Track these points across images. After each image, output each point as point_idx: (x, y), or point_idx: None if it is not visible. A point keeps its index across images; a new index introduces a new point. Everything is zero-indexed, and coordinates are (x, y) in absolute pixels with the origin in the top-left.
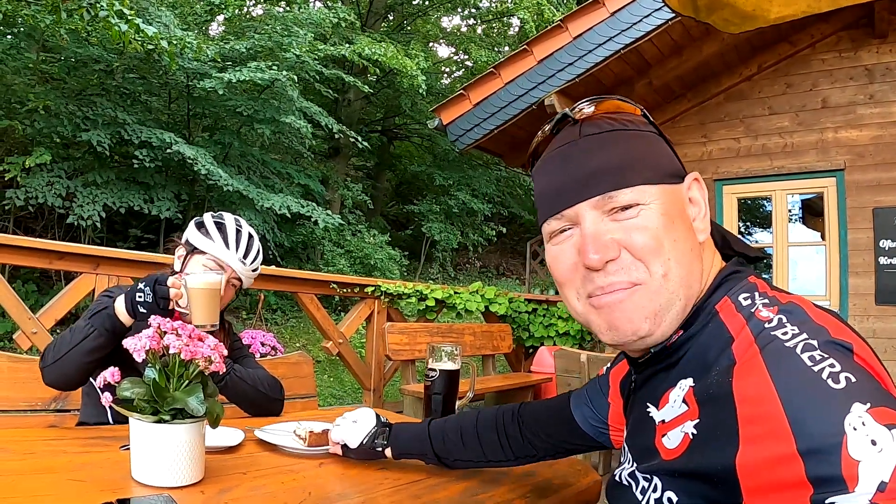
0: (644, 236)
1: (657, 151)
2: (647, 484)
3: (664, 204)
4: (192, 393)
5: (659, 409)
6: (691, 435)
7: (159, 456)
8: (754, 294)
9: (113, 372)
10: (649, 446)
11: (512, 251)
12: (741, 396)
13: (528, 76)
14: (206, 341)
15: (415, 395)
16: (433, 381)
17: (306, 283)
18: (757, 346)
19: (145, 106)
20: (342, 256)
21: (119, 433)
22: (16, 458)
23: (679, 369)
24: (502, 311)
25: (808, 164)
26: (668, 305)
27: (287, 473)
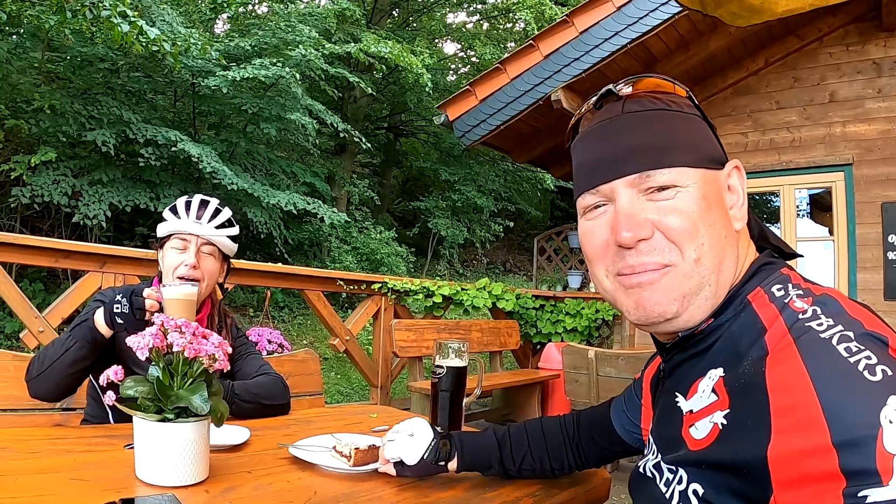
0: (679, 219)
1: (699, 134)
2: (671, 476)
3: (702, 188)
4: (196, 391)
5: (687, 399)
6: (720, 425)
7: (163, 455)
8: (787, 285)
9: (116, 370)
10: (675, 436)
11: (519, 247)
12: (774, 386)
13: (534, 71)
14: (210, 339)
15: (422, 392)
16: (441, 378)
17: (313, 280)
18: (791, 336)
19: (150, 104)
20: (349, 253)
21: (124, 432)
22: (19, 457)
23: (709, 358)
24: (510, 308)
25: (816, 159)
26: (698, 290)
27: (293, 472)
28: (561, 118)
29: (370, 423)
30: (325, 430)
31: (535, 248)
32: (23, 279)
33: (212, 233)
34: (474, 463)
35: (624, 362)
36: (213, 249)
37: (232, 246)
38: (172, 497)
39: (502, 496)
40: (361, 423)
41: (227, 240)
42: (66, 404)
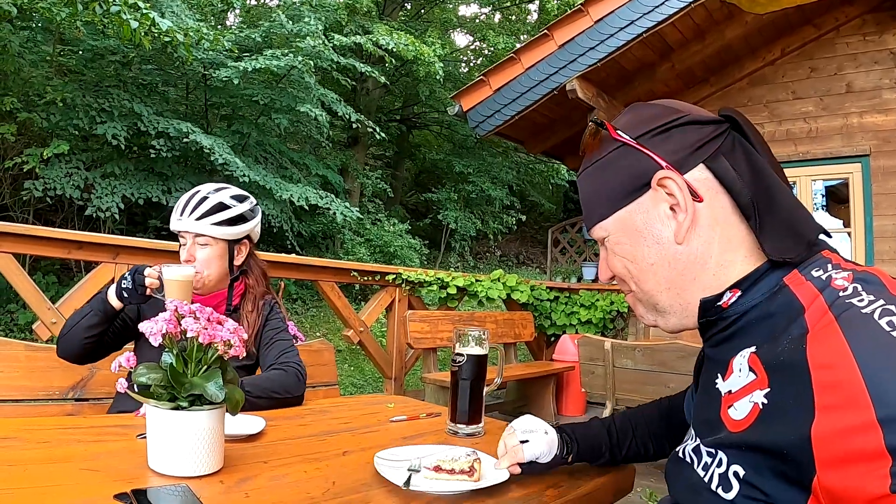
0: (614, 264)
1: (612, 176)
2: (710, 459)
3: (619, 232)
4: (211, 378)
5: (725, 380)
6: (761, 405)
7: (177, 444)
8: (827, 266)
9: (129, 357)
10: (714, 419)
11: (532, 240)
12: (816, 363)
13: (548, 61)
14: (226, 324)
15: (436, 384)
16: (460, 367)
17: (327, 271)
18: (832, 313)
19: (163, 97)
20: (362, 245)
21: (134, 421)
22: (29, 446)
23: (742, 337)
24: (524, 299)
25: (833, 150)
26: (656, 307)
27: (310, 462)
28: (576, 108)
29: (388, 413)
30: (341, 419)
31: (550, 240)
32: (36, 272)
33: (196, 227)
34: (588, 454)
35: (640, 354)
36: (206, 240)
37: (227, 230)
38: (186, 488)
39: (527, 486)
40: (379, 412)
41: (215, 228)
42: (78, 394)
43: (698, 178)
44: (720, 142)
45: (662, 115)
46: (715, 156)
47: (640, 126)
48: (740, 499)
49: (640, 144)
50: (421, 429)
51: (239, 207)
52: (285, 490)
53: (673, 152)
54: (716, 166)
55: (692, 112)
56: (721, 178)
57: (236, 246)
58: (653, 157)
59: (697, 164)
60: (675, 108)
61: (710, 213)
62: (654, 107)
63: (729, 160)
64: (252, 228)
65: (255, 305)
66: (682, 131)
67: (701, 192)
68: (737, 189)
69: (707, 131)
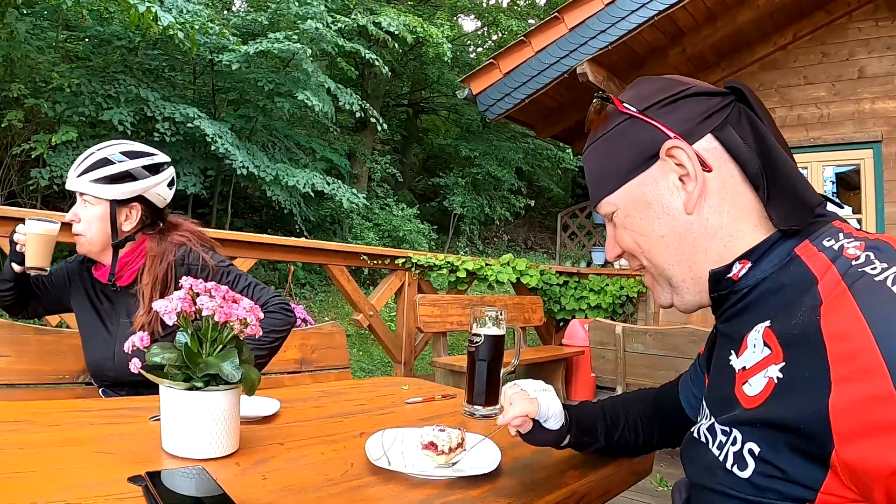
0: (623, 239)
1: (619, 149)
2: (724, 438)
3: (627, 206)
4: (227, 358)
5: (739, 356)
6: (776, 379)
7: (192, 426)
8: (838, 235)
9: (142, 336)
10: (728, 396)
11: (540, 225)
12: (831, 334)
13: (559, 44)
14: (242, 303)
15: (446, 368)
16: (477, 347)
17: (336, 255)
18: (845, 283)
19: (169, 81)
20: (370, 230)
21: (148, 404)
22: (41, 429)
23: (756, 312)
24: (533, 284)
25: (845, 136)
26: (671, 282)
27: (327, 443)
28: (586, 92)
29: (403, 395)
30: (355, 401)
31: (559, 225)
32: None
33: (75, 184)
34: (585, 434)
35: (651, 338)
36: (88, 198)
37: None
38: (201, 470)
39: (548, 468)
40: (394, 394)
41: (93, 185)
42: (88, 378)
43: (707, 148)
44: (727, 112)
45: (668, 87)
46: (722, 126)
47: (647, 98)
48: (756, 477)
49: (647, 116)
50: (436, 410)
51: (126, 164)
52: (303, 472)
53: (680, 123)
54: (724, 136)
55: (698, 84)
56: (729, 147)
57: (121, 207)
58: (660, 128)
59: (705, 134)
60: (680, 80)
61: (720, 183)
62: (660, 80)
63: (736, 130)
64: (145, 189)
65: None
66: (688, 102)
67: (710, 161)
68: (745, 158)
69: (714, 102)
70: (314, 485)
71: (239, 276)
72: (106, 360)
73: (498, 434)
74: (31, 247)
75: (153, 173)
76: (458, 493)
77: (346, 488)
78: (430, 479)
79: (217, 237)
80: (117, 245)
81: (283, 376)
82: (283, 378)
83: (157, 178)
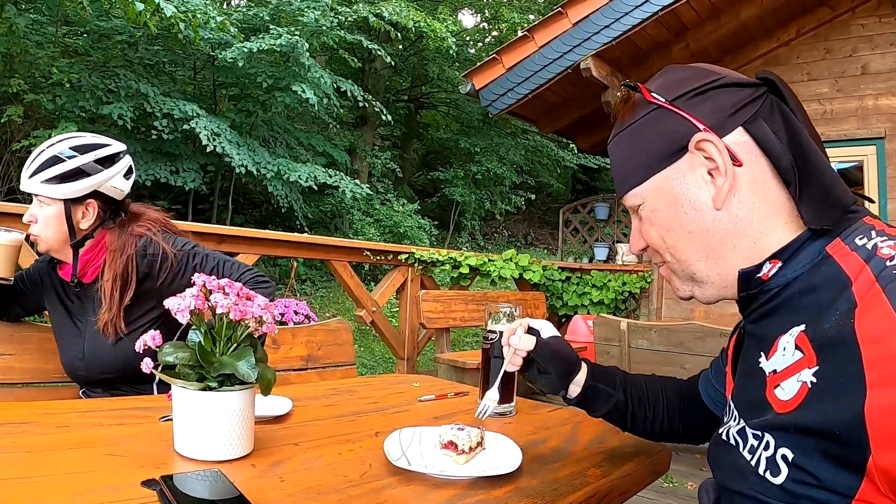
0: (648, 233)
1: (647, 141)
2: (756, 442)
3: (654, 199)
4: (242, 357)
5: (769, 359)
6: (810, 384)
7: (206, 427)
8: (871, 233)
9: (154, 336)
10: (760, 399)
11: (540, 221)
12: (865, 338)
13: (562, 39)
14: (256, 300)
15: (449, 364)
16: (493, 344)
17: (339, 251)
18: (879, 285)
19: (170, 77)
20: (371, 225)
21: (157, 403)
22: (48, 431)
23: (789, 314)
24: (536, 279)
25: (848, 132)
26: (692, 278)
27: (343, 444)
28: (589, 87)
29: (414, 393)
30: (368, 399)
31: (561, 220)
32: None
33: (28, 185)
34: (599, 391)
35: (656, 334)
36: (42, 197)
37: (59, 189)
38: (218, 473)
39: (568, 467)
40: (405, 392)
41: (45, 186)
42: None
43: (737, 142)
44: (758, 105)
45: (699, 76)
46: (754, 119)
47: (676, 88)
48: (790, 483)
49: (676, 107)
50: (450, 408)
51: (76, 160)
52: (321, 473)
53: (711, 115)
54: (755, 129)
55: (729, 75)
56: (760, 141)
57: (76, 206)
58: (690, 120)
59: (736, 128)
60: (711, 70)
61: (750, 178)
62: (690, 69)
63: (768, 124)
64: (99, 183)
65: (113, 269)
66: (719, 93)
67: (740, 155)
68: (777, 153)
69: (745, 94)
70: (333, 486)
71: (206, 256)
72: (76, 360)
73: (517, 433)
74: None
75: (107, 166)
76: (481, 493)
77: (367, 490)
78: (452, 480)
79: (219, 233)
80: (76, 244)
81: (290, 373)
82: (289, 375)
83: (112, 170)
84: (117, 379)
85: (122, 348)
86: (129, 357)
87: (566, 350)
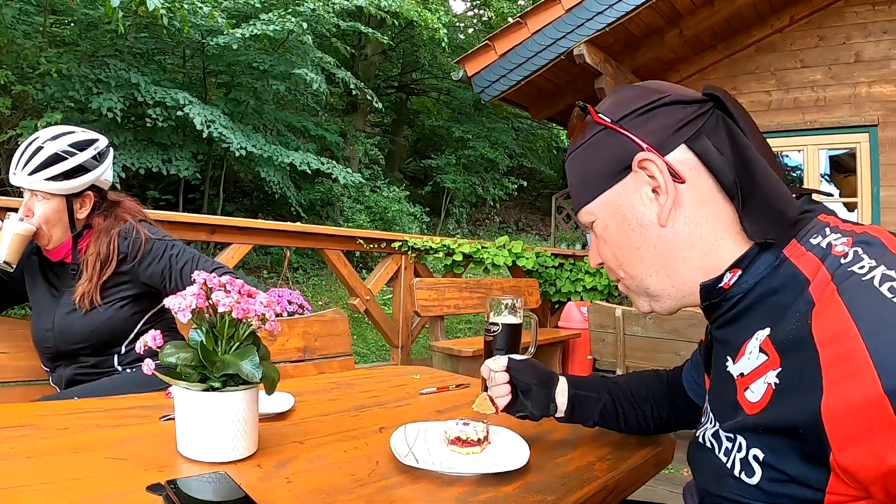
0: (602, 250)
1: (596, 160)
2: (730, 444)
3: (604, 216)
4: (246, 356)
5: (735, 363)
6: (774, 385)
7: (210, 428)
8: (825, 230)
9: (155, 336)
10: (732, 402)
11: (530, 207)
12: (821, 339)
13: (555, 25)
14: (258, 297)
15: (444, 352)
16: (495, 336)
17: (333, 239)
18: (834, 284)
19: (159, 65)
20: (362, 213)
21: (155, 402)
22: (48, 434)
23: (753, 318)
24: (529, 266)
25: (841, 119)
26: (648, 292)
27: (348, 441)
28: (582, 74)
29: (415, 385)
30: (369, 392)
31: (553, 207)
32: None
33: (28, 182)
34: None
35: (651, 321)
36: (43, 194)
37: (63, 185)
38: (225, 475)
39: (575, 461)
40: (406, 384)
41: (49, 183)
42: None
43: (680, 159)
44: (703, 121)
45: (644, 96)
46: (697, 136)
47: (622, 108)
48: (765, 482)
49: (621, 127)
50: (452, 401)
51: (78, 157)
52: (328, 472)
53: (654, 133)
54: (698, 146)
55: (675, 92)
56: (703, 158)
57: (77, 199)
58: (633, 139)
59: (679, 145)
60: (658, 88)
61: (694, 194)
62: (637, 88)
63: (712, 140)
64: (97, 178)
65: (97, 246)
66: (663, 112)
67: (683, 172)
68: (719, 169)
69: (689, 111)
70: (342, 486)
71: (183, 250)
72: (46, 331)
73: (520, 426)
74: (6, 242)
75: (102, 160)
76: (491, 490)
77: (376, 489)
78: (460, 476)
79: (211, 223)
80: (77, 235)
81: (287, 365)
82: (287, 367)
83: (105, 164)
84: (83, 350)
85: (90, 317)
86: (97, 326)
87: (539, 363)
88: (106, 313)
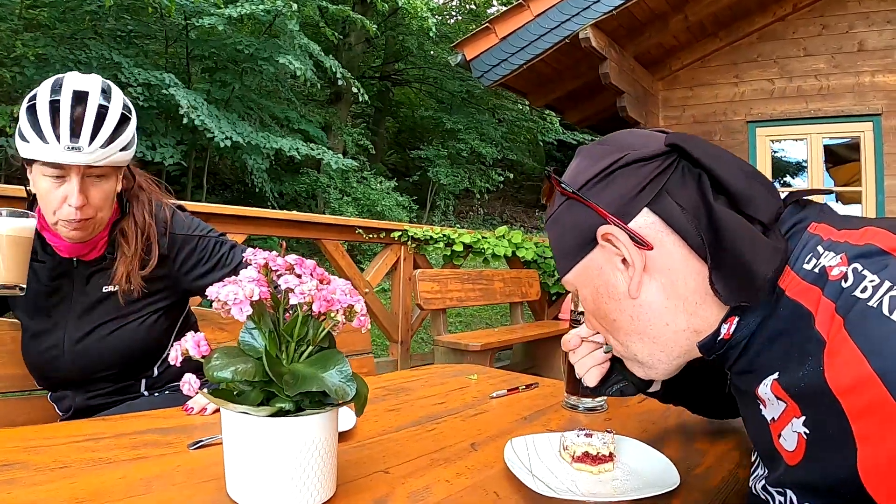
0: (589, 319)
1: (565, 232)
2: (782, 498)
3: (581, 288)
4: (329, 365)
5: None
6: (805, 434)
7: (278, 466)
8: (817, 249)
9: (198, 341)
10: (771, 449)
11: (514, 199)
12: (838, 387)
13: (560, 8)
14: (335, 284)
15: (449, 346)
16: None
17: (331, 229)
18: (839, 315)
19: (141, 49)
20: (349, 204)
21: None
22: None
23: (761, 362)
24: (529, 257)
25: (845, 108)
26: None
27: (442, 465)
28: (585, 58)
29: (480, 388)
30: (431, 399)
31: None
32: None
33: (101, 156)
34: None
35: None
36: (104, 170)
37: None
38: None
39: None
40: (466, 386)
41: (121, 154)
42: None
43: (644, 224)
44: (665, 178)
45: (604, 157)
46: (659, 196)
47: (582, 174)
48: None
49: (582, 197)
50: (534, 405)
51: (133, 117)
52: None
53: (614, 201)
54: (660, 208)
55: (635, 147)
56: (667, 220)
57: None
58: (595, 209)
59: (641, 209)
60: (618, 146)
61: (664, 258)
62: (598, 148)
63: (677, 197)
64: None
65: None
66: (622, 175)
67: (649, 237)
68: (685, 230)
69: (650, 169)
70: None
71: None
72: (50, 351)
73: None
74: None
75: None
76: None
77: None
78: None
79: (204, 211)
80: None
81: None
82: None
83: None
84: (107, 376)
85: (121, 334)
86: (130, 343)
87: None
88: (141, 328)
